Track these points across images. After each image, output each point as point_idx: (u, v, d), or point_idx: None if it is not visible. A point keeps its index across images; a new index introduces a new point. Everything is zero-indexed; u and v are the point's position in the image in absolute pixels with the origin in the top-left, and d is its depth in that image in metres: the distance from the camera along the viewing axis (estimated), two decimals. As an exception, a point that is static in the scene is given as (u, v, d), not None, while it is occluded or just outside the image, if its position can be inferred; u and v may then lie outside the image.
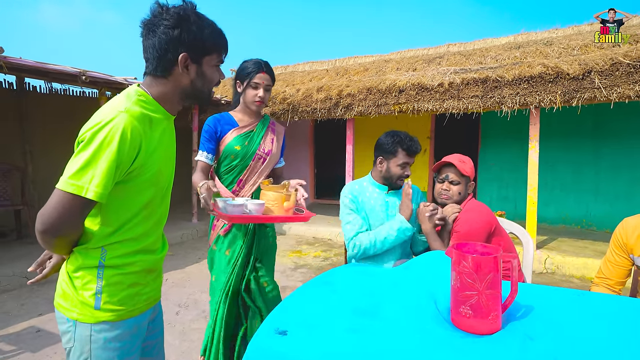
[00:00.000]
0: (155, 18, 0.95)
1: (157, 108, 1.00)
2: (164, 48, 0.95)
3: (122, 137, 0.87)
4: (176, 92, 1.02)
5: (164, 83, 1.00)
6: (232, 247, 1.76)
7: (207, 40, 0.99)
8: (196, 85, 1.02)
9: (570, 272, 4.01)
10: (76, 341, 0.97)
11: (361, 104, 4.85)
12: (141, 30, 0.98)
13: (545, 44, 4.81)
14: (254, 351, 0.89)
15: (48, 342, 2.44)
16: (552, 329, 0.90)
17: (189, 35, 0.95)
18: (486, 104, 4.12)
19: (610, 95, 3.57)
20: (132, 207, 0.97)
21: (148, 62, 0.99)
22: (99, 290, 0.95)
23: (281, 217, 1.54)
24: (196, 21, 0.96)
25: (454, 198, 1.71)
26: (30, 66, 3.49)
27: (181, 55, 0.96)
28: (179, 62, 0.96)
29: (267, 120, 1.87)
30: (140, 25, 0.98)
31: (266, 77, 1.72)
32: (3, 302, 3.10)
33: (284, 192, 1.55)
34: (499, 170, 6.08)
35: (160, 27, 0.94)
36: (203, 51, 0.99)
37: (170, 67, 0.97)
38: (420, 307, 1.06)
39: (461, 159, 1.73)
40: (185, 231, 5.38)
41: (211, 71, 1.03)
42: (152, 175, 0.98)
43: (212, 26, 1.00)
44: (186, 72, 0.99)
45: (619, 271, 1.50)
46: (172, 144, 1.09)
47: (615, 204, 5.22)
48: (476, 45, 6.02)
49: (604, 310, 1.02)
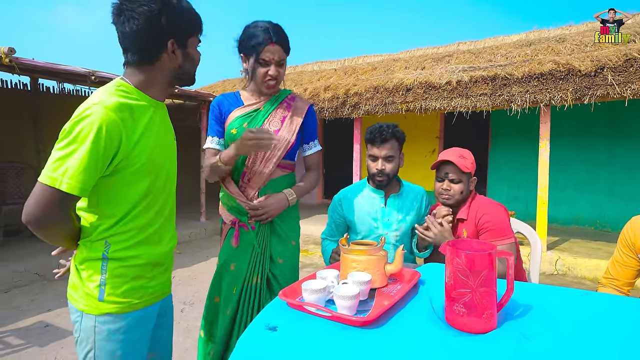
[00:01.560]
0: (131, 2, 0.90)
1: (141, 96, 0.98)
2: (148, 36, 0.92)
3: (97, 130, 0.86)
4: (164, 77, 1.00)
5: (149, 69, 0.97)
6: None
7: (190, 23, 0.97)
8: (185, 68, 1.00)
9: (582, 274, 3.91)
10: (82, 331, 0.99)
11: (368, 102, 4.82)
12: (112, 15, 0.93)
13: (557, 41, 4.71)
14: (244, 347, 0.88)
15: (56, 337, 2.49)
16: (550, 328, 0.87)
17: (173, 20, 0.93)
18: (495, 102, 4.05)
19: (624, 92, 3.47)
20: (130, 199, 0.97)
21: (128, 51, 0.95)
22: (102, 282, 0.96)
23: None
24: (176, 4, 0.94)
25: (456, 197, 1.57)
26: (41, 67, 3.57)
27: (169, 41, 0.94)
28: (167, 49, 0.95)
29: (284, 96, 1.51)
30: (112, 8, 0.92)
31: (277, 49, 1.36)
32: (14, 297, 3.17)
33: (379, 252, 1.11)
34: (509, 170, 5.97)
35: (140, 12, 0.90)
36: (187, 34, 0.98)
37: (157, 54, 0.95)
38: (415, 304, 1.04)
39: (460, 154, 1.59)
40: (193, 230, 5.43)
41: (194, 51, 1.02)
42: (142, 165, 0.97)
43: (189, 7, 0.98)
44: (174, 57, 0.97)
45: (626, 272, 1.45)
46: (165, 131, 1.06)
47: (630, 204, 5.08)
48: (486, 43, 5.94)
49: (605, 311, 0.98)
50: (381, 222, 1.66)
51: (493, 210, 1.55)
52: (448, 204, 1.59)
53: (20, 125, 5.32)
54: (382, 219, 1.66)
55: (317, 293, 0.98)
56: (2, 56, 3.10)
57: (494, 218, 1.53)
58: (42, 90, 5.61)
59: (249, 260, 1.46)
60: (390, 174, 1.62)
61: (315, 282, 1.04)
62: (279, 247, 1.51)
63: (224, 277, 1.48)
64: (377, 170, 1.61)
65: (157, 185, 1.03)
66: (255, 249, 1.47)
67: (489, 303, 0.87)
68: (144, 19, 0.90)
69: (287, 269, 1.52)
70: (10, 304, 3.02)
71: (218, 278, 1.50)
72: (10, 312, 2.86)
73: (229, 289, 1.47)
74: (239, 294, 1.46)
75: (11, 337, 2.48)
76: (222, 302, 1.47)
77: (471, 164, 1.59)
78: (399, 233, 1.67)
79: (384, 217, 1.66)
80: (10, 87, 5.32)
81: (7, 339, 2.46)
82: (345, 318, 0.91)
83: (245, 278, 1.46)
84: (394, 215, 1.66)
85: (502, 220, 1.53)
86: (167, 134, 1.08)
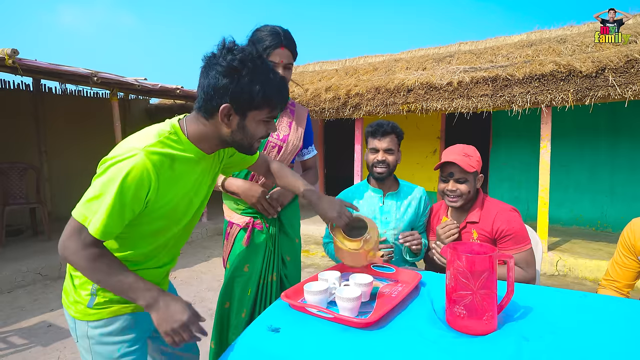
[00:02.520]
0: (214, 58, 0.90)
1: (189, 148, 0.95)
2: (211, 93, 0.89)
3: (130, 179, 0.84)
4: (214, 137, 0.96)
5: (205, 124, 0.94)
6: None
7: (257, 95, 0.90)
8: (235, 137, 0.95)
9: (583, 275, 3.91)
10: (78, 337, 1.00)
11: (369, 103, 4.83)
12: (201, 65, 0.93)
13: (558, 41, 4.71)
14: (243, 346, 0.89)
15: (59, 336, 2.50)
16: (549, 330, 0.88)
17: (236, 87, 0.88)
18: (496, 103, 4.05)
19: (625, 93, 3.47)
20: (141, 233, 0.96)
21: (197, 98, 0.94)
22: (93, 292, 0.97)
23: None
24: (250, 72, 0.88)
25: (464, 198, 1.49)
26: (44, 68, 3.58)
27: (224, 105, 0.89)
28: (219, 111, 0.90)
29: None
30: (202, 59, 0.93)
31: (286, 53, 1.39)
32: (17, 297, 3.19)
33: (365, 238, 1.16)
34: (510, 170, 5.97)
35: (213, 70, 0.88)
36: (250, 105, 0.91)
37: (213, 111, 0.91)
38: (416, 306, 1.05)
39: (465, 152, 1.50)
40: (195, 230, 5.44)
41: (255, 125, 0.95)
42: (166, 212, 0.95)
43: (268, 79, 0.91)
44: (226, 121, 0.92)
45: (626, 273, 1.45)
46: (203, 181, 1.03)
47: (632, 205, 5.07)
48: (488, 43, 5.93)
49: (604, 312, 0.99)
50: (380, 220, 1.68)
51: (510, 218, 1.49)
52: (456, 206, 1.51)
53: (23, 126, 5.35)
54: (381, 218, 1.68)
55: (319, 295, 0.99)
56: (5, 57, 3.12)
57: (513, 226, 1.47)
58: (45, 91, 5.63)
59: (263, 259, 1.48)
60: (390, 165, 1.65)
61: (317, 284, 1.05)
62: (287, 245, 1.56)
63: (236, 281, 1.48)
64: (377, 160, 1.63)
65: (173, 228, 1.00)
66: (269, 246, 1.49)
67: (489, 305, 0.88)
68: (216, 71, 0.88)
69: (293, 267, 1.58)
70: (14, 304, 3.04)
71: (230, 283, 1.48)
72: (14, 312, 2.88)
73: (243, 292, 1.47)
74: (254, 295, 1.47)
75: (15, 337, 2.50)
76: (235, 306, 1.47)
77: (477, 162, 1.50)
78: (397, 231, 1.68)
79: (382, 215, 1.69)
80: (12, 88, 5.34)
81: (11, 338, 2.48)
82: (347, 320, 0.92)
83: (261, 277, 1.48)
84: (392, 214, 1.69)
85: (520, 227, 1.49)
86: (203, 184, 1.04)
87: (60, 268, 3.70)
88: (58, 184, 5.71)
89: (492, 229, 1.49)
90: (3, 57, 3.13)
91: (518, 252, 1.46)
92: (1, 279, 3.31)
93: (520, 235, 1.48)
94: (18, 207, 4.31)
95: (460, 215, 1.57)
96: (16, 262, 3.63)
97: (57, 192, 5.72)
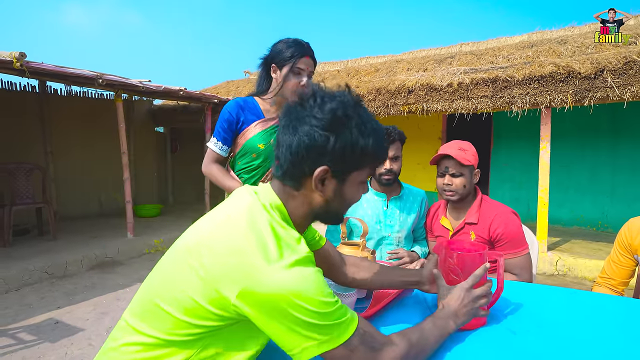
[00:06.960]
0: (304, 109, 0.69)
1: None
2: (302, 154, 0.68)
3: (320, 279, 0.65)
4: (305, 210, 0.74)
5: (293, 196, 0.73)
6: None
7: (364, 152, 0.69)
8: (331, 206, 0.74)
9: (582, 274, 3.94)
10: None
11: (371, 104, 4.87)
12: (281, 116, 0.72)
13: (559, 42, 4.74)
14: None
15: (65, 333, 2.56)
16: (536, 325, 0.93)
17: (341, 145, 0.67)
18: (496, 104, 4.09)
19: (623, 94, 3.50)
20: (242, 347, 0.70)
21: (278, 161, 0.72)
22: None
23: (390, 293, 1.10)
24: (358, 124, 0.68)
25: (460, 192, 1.49)
26: (50, 70, 3.65)
27: (320, 168, 0.68)
28: (313, 176, 0.69)
29: None
30: (284, 110, 0.72)
31: (311, 62, 1.49)
32: (25, 295, 3.26)
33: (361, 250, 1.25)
34: (511, 171, 6.00)
35: (306, 125, 0.67)
36: (353, 166, 0.71)
37: (303, 178, 0.71)
38: (410, 301, 1.09)
39: (460, 146, 1.50)
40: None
41: (355, 190, 0.74)
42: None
43: (375, 130, 0.71)
44: (320, 188, 0.70)
45: (622, 271, 1.48)
46: None
47: (632, 205, 5.10)
48: (489, 44, 5.96)
49: (593, 309, 1.03)
50: (384, 224, 1.70)
51: (508, 221, 1.49)
52: (453, 199, 1.52)
53: (29, 127, 5.43)
54: (385, 221, 1.70)
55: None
56: (13, 60, 3.19)
57: (511, 230, 1.48)
58: (50, 93, 5.71)
59: None
60: (396, 173, 1.69)
61: None
62: None
63: None
64: (385, 169, 1.65)
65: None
66: None
67: (479, 300, 0.93)
68: (311, 125, 0.67)
69: None
70: (22, 301, 3.11)
71: None
72: (22, 309, 2.95)
73: None
74: None
75: (23, 333, 2.56)
76: None
77: (472, 156, 1.50)
78: (401, 235, 1.72)
79: (386, 219, 1.71)
80: (19, 90, 5.43)
81: (20, 334, 2.55)
82: None
83: None
84: (396, 217, 1.71)
85: (518, 231, 1.49)
86: None
87: (66, 267, 3.77)
88: (64, 184, 5.79)
89: (489, 231, 1.49)
90: (11, 60, 3.20)
91: (514, 257, 1.45)
92: (9, 277, 3.38)
93: (517, 239, 1.47)
94: (24, 207, 4.38)
95: (459, 216, 1.58)
96: (23, 260, 3.70)
97: (63, 192, 5.80)
